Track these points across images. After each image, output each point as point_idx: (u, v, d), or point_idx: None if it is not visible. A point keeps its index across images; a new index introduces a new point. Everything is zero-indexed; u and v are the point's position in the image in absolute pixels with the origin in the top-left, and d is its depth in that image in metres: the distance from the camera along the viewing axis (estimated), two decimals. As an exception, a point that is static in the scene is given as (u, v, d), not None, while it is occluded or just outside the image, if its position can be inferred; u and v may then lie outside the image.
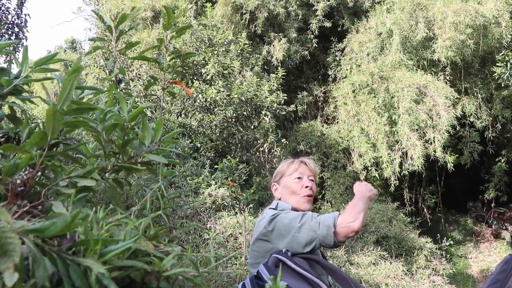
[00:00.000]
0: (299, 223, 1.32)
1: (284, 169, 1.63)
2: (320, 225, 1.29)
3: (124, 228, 0.67)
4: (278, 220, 1.38)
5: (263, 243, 1.41)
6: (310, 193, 1.55)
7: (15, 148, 0.76)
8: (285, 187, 1.59)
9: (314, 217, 1.33)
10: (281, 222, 1.37)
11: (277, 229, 1.37)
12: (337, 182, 7.52)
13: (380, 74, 7.26)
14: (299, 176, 1.58)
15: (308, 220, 1.32)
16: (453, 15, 6.54)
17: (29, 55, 0.91)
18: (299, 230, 1.31)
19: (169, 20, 1.47)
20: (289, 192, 1.57)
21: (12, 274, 0.47)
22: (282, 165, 1.68)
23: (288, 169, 1.62)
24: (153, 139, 0.92)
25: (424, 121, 6.68)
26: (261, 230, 1.42)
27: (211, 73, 5.88)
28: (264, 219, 1.43)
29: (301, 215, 1.35)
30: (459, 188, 11.51)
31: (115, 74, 1.49)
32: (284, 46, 7.70)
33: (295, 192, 1.55)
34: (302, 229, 1.31)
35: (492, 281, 1.24)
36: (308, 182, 1.57)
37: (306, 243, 1.30)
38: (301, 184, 1.55)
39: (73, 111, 0.74)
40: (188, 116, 5.85)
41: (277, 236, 1.36)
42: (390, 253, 5.34)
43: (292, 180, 1.57)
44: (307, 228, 1.30)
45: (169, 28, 1.51)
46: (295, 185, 1.56)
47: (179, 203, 4.17)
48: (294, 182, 1.56)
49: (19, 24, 8.81)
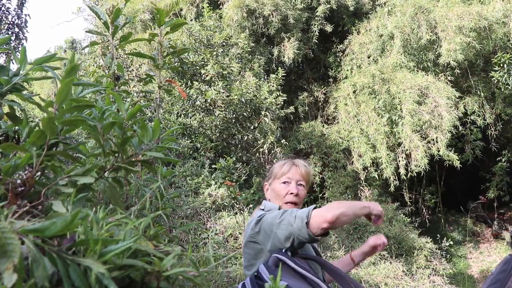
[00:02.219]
0: (279, 219, 1.30)
1: (276, 171, 1.60)
2: (296, 219, 1.25)
3: (124, 228, 0.67)
4: (263, 221, 1.37)
5: (252, 244, 1.41)
6: (295, 200, 1.51)
7: (14, 147, 0.76)
8: (273, 190, 1.58)
9: (294, 212, 1.30)
10: (266, 221, 1.36)
11: (262, 229, 1.36)
12: (337, 181, 7.55)
13: (381, 76, 7.27)
14: (287, 181, 1.54)
15: (287, 215, 1.30)
16: (456, 18, 6.56)
17: (29, 55, 0.91)
18: (278, 226, 1.29)
19: (162, 16, 1.46)
20: (275, 196, 1.55)
21: (11, 274, 0.47)
22: (275, 166, 1.64)
23: (279, 171, 1.58)
24: (151, 138, 0.92)
25: (426, 122, 6.68)
26: (249, 232, 1.42)
27: (211, 74, 5.88)
28: (253, 221, 1.43)
29: (282, 212, 1.33)
30: (459, 188, 11.51)
31: (112, 70, 1.49)
32: (294, 45, 7.87)
33: (279, 197, 1.53)
34: (281, 224, 1.29)
35: (492, 281, 1.24)
36: (295, 189, 1.52)
37: (285, 238, 1.27)
38: (287, 190, 1.52)
39: (72, 109, 0.74)
40: (188, 117, 5.85)
41: (264, 236, 1.36)
42: (390, 253, 5.34)
43: (279, 184, 1.55)
44: (285, 223, 1.28)
45: (163, 24, 1.50)
46: (282, 190, 1.53)
47: (179, 203, 4.17)
48: (281, 187, 1.54)
49: (19, 24, 8.81)
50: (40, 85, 10.32)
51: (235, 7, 7.58)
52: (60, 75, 0.80)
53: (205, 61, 6.11)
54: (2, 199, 0.73)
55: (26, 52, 0.90)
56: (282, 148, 6.24)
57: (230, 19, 7.67)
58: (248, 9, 7.66)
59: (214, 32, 6.73)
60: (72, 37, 16.02)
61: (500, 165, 8.36)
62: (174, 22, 1.53)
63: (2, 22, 8.48)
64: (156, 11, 1.46)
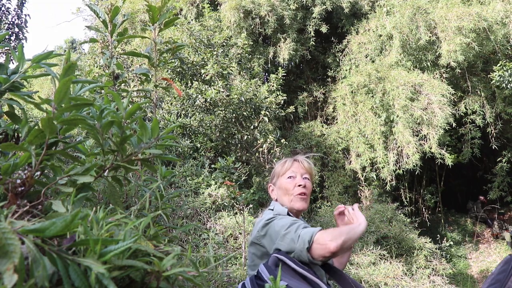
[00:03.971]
0: (284, 231, 1.30)
1: (278, 169, 1.60)
2: (299, 239, 1.24)
3: (124, 228, 0.67)
4: (271, 226, 1.37)
5: (258, 246, 1.42)
6: (303, 191, 1.51)
7: (14, 146, 0.75)
8: (279, 188, 1.57)
9: (300, 229, 1.28)
10: (273, 228, 1.35)
11: (268, 234, 1.37)
12: (336, 181, 7.56)
13: (377, 74, 7.29)
14: (292, 175, 1.55)
15: (292, 230, 1.29)
16: (456, 19, 6.56)
17: (28, 56, 0.91)
18: (282, 238, 1.29)
19: (154, 13, 1.46)
20: (283, 192, 1.54)
21: (12, 275, 0.47)
22: (276, 166, 1.64)
23: (281, 169, 1.58)
24: (150, 136, 0.91)
25: (418, 118, 6.71)
26: (255, 234, 1.43)
27: (210, 73, 5.88)
28: (260, 223, 1.43)
29: (290, 223, 1.31)
30: (459, 188, 11.52)
31: (112, 69, 1.49)
32: (289, 46, 7.89)
33: (288, 192, 1.52)
34: (285, 237, 1.29)
35: (492, 281, 1.24)
36: (301, 181, 1.53)
37: (286, 252, 1.28)
38: (294, 183, 1.52)
39: (71, 107, 0.74)
40: (188, 116, 5.85)
41: (268, 242, 1.36)
42: (390, 253, 5.34)
43: (285, 180, 1.55)
44: (289, 238, 1.27)
45: (156, 21, 1.50)
46: (288, 184, 1.53)
47: (179, 203, 4.17)
48: (287, 182, 1.54)
49: (19, 24, 8.81)
50: (40, 84, 10.32)
51: (231, 8, 7.60)
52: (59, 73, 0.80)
53: (205, 61, 6.11)
54: (2, 199, 0.73)
55: (24, 50, 0.90)
56: (281, 147, 6.24)
57: (228, 21, 7.69)
58: (245, 10, 7.68)
59: (214, 32, 6.73)
60: (72, 37, 16.02)
61: (501, 165, 8.36)
62: (167, 18, 1.52)
63: (2, 22, 8.47)
64: (148, 8, 1.45)
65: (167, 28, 1.56)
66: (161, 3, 1.45)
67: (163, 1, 1.46)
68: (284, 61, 7.98)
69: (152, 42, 1.62)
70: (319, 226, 5.20)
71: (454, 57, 6.56)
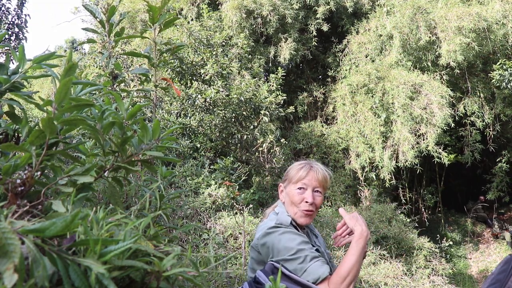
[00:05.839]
0: (289, 256, 1.29)
1: (292, 174, 1.52)
2: (304, 273, 1.25)
3: (124, 228, 0.67)
4: (272, 240, 1.35)
5: (256, 253, 1.42)
6: (310, 208, 1.45)
7: (14, 146, 0.75)
8: (288, 195, 1.51)
9: (306, 261, 1.27)
10: (275, 244, 1.34)
11: (267, 246, 1.36)
12: (337, 181, 7.56)
13: (377, 74, 7.31)
14: (303, 187, 1.47)
15: (299, 260, 1.28)
16: (456, 19, 6.58)
17: (28, 56, 0.91)
18: (285, 261, 1.29)
19: (155, 13, 1.45)
20: (290, 202, 1.49)
21: (12, 275, 0.47)
22: (292, 168, 1.56)
23: (295, 175, 1.50)
24: (151, 137, 0.91)
25: (417, 117, 6.75)
26: (255, 241, 1.42)
27: (210, 73, 5.88)
28: (262, 230, 1.41)
29: (296, 249, 1.30)
30: (459, 188, 11.52)
31: (110, 69, 1.48)
32: (290, 45, 7.91)
33: (295, 203, 1.47)
34: (288, 263, 1.28)
35: (492, 281, 1.24)
36: (310, 197, 1.45)
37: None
38: (302, 197, 1.46)
39: (72, 108, 0.74)
40: (188, 116, 5.85)
41: (265, 252, 1.36)
42: (389, 253, 5.34)
43: (294, 190, 1.48)
44: (293, 266, 1.28)
45: (156, 21, 1.49)
46: (296, 196, 1.46)
47: (179, 203, 4.17)
48: (296, 193, 1.47)
49: (19, 24, 8.81)
50: (40, 85, 10.31)
51: (233, 8, 7.61)
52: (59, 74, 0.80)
53: (204, 61, 6.11)
54: (2, 199, 0.73)
55: (24, 50, 0.90)
56: (281, 147, 6.24)
57: (229, 20, 7.70)
58: (247, 10, 7.69)
59: (214, 32, 6.74)
60: (73, 37, 16.01)
61: (500, 165, 8.36)
62: (167, 18, 1.51)
63: (2, 22, 8.47)
64: (148, 8, 1.45)
65: (167, 28, 1.56)
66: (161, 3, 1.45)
67: (163, 1, 1.45)
68: (285, 61, 8.00)
69: (152, 42, 1.62)
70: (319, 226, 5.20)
71: (454, 57, 6.57)
